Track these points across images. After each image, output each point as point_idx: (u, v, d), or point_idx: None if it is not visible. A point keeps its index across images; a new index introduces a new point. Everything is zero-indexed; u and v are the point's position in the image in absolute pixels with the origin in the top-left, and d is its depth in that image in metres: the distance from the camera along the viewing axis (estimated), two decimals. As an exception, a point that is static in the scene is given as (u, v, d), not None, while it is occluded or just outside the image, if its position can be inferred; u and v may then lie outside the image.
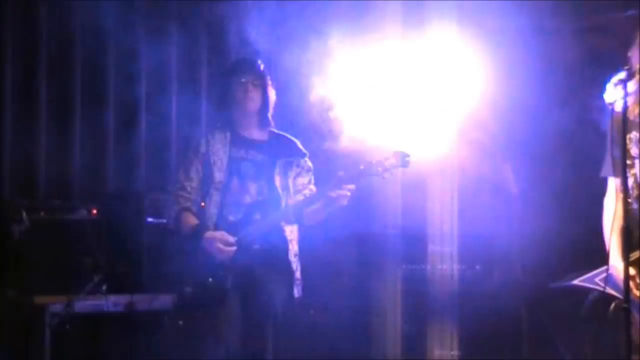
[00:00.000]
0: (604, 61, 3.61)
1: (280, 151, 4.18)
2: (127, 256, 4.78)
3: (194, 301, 4.09)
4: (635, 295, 3.48)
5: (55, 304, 4.51)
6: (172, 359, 4.36)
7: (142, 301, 4.66)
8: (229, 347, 4.01)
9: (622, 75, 3.43)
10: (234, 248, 4.00)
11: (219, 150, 4.16)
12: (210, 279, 4.02)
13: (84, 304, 4.57)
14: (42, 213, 4.77)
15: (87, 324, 4.61)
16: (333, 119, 4.24)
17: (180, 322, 4.27)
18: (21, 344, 4.52)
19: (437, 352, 4.23)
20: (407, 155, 3.87)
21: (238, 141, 4.18)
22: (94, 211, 4.82)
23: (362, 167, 3.88)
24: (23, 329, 4.53)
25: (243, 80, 4.12)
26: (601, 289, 3.59)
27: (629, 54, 3.57)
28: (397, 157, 3.85)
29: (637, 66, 3.49)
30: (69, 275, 4.66)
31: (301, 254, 4.17)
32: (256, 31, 4.37)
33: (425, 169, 4.23)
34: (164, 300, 4.54)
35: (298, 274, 4.16)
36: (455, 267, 4.28)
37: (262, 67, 4.21)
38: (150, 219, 4.79)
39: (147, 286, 4.70)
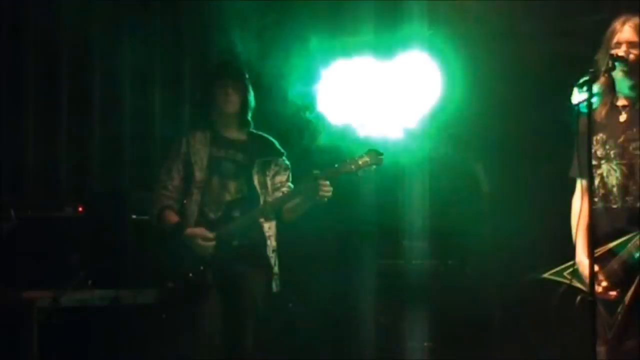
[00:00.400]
0: (575, 64, 3.60)
1: (259, 151, 4.18)
2: (113, 252, 4.73)
3: (175, 295, 4.07)
4: (598, 290, 3.48)
5: (43, 299, 4.44)
6: (157, 352, 4.32)
7: (127, 296, 4.62)
8: (210, 340, 3.99)
9: (587, 77, 3.42)
10: (213, 243, 3.98)
11: (200, 150, 4.15)
12: (191, 274, 4.01)
13: (71, 299, 4.52)
14: (29, 211, 4.71)
15: (73, 317, 4.56)
16: (312, 119, 4.22)
17: (163, 316, 4.22)
18: (9, 338, 4.47)
19: (410, 344, 4.22)
20: (381, 154, 3.89)
21: (218, 141, 4.18)
22: (80, 209, 4.77)
23: (336, 166, 3.90)
24: (11, 323, 4.47)
25: (223, 83, 4.10)
26: (568, 282, 3.59)
27: (596, 57, 3.56)
28: (371, 156, 3.87)
29: (603, 69, 3.48)
30: (55, 270, 4.61)
31: (281, 250, 4.15)
32: (239, 34, 4.33)
33: (399, 167, 4.20)
34: (149, 295, 4.50)
35: (276, 269, 4.16)
36: (428, 262, 4.24)
37: (242, 70, 4.20)
38: (134, 217, 4.75)
39: (132, 281, 4.65)
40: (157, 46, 5.30)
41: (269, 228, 4.14)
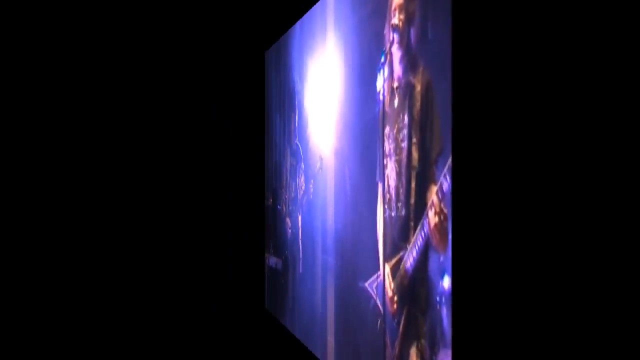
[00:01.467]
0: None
1: None
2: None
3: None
4: (392, 308, 1.92)
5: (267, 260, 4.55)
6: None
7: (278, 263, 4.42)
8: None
9: (382, 59, 1.95)
10: None
11: None
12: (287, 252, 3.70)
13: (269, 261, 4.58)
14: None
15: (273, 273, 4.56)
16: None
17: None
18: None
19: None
20: (320, 159, 2.84)
21: None
22: (271, 200, 4.65)
23: None
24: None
25: None
26: (374, 296, 2.03)
27: (385, 31, 1.93)
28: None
29: (388, 46, 1.89)
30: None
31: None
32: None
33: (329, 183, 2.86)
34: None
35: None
36: (329, 259, 2.69)
37: None
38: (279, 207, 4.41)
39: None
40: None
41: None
